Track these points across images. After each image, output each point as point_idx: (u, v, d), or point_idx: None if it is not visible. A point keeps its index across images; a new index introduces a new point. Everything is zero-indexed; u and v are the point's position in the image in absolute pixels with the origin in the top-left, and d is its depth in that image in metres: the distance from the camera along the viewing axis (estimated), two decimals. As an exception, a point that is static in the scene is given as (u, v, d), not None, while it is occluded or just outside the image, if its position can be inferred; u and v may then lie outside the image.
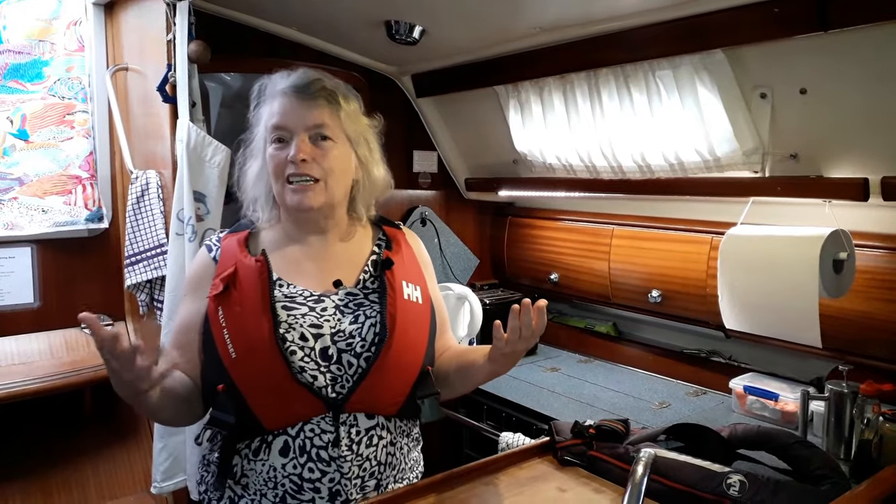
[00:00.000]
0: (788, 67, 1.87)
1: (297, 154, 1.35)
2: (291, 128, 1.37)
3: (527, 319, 1.25)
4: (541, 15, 2.16)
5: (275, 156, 1.39)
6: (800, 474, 1.49)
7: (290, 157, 1.36)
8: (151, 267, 2.25)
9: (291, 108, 1.38)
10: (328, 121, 1.39)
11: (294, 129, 1.37)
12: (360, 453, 1.32)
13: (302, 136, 1.37)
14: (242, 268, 1.37)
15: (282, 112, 1.38)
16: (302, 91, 1.38)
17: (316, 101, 1.38)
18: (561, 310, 3.31)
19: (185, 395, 1.35)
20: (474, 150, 3.18)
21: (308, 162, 1.36)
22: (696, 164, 2.23)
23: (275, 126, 1.39)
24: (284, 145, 1.38)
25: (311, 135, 1.38)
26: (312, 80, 1.40)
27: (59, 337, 2.49)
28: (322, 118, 1.39)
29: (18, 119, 2.42)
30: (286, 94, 1.39)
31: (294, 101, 1.38)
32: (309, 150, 1.37)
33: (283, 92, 1.39)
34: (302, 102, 1.38)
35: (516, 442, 2.21)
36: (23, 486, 2.19)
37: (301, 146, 1.36)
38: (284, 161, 1.37)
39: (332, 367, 1.32)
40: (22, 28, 2.41)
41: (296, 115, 1.37)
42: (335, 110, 1.41)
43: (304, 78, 1.41)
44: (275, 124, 1.39)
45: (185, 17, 2.00)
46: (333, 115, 1.40)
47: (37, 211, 2.45)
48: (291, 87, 1.39)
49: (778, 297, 1.97)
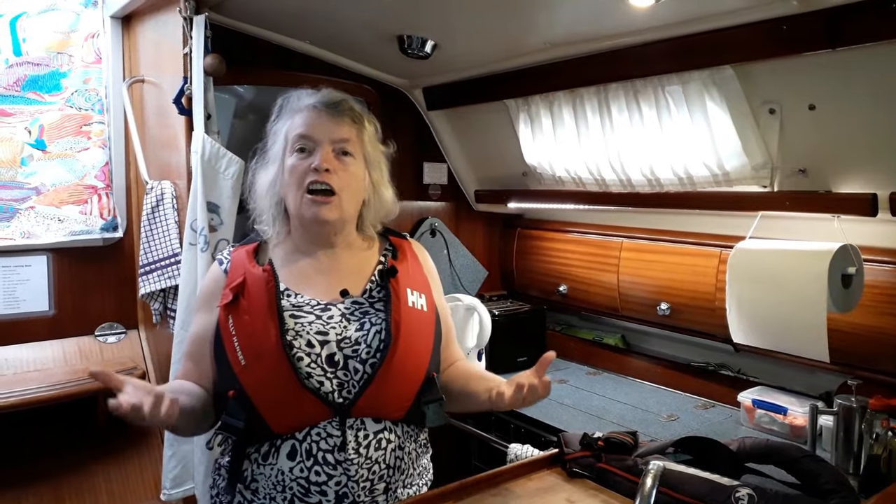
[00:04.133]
0: (797, 84, 1.89)
1: (322, 162, 1.40)
2: (317, 138, 1.42)
3: (531, 395, 1.34)
4: (551, 30, 2.18)
5: (296, 165, 1.42)
6: (808, 489, 1.49)
7: (314, 165, 1.40)
8: (165, 276, 2.28)
9: (319, 121, 1.43)
10: (353, 137, 1.45)
11: (319, 140, 1.42)
12: (369, 456, 1.33)
13: (326, 148, 1.42)
14: (251, 277, 1.40)
15: (308, 123, 1.43)
16: (331, 107, 1.45)
17: (343, 117, 1.45)
18: (569, 322, 3.32)
19: (200, 409, 1.38)
20: (484, 163, 3.20)
21: (330, 172, 1.40)
22: (705, 178, 2.24)
23: (300, 135, 1.43)
24: (307, 155, 1.42)
25: (334, 148, 1.43)
26: (341, 100, 1.47)
27: (73, 344, 2.52)
28: (348, 134, 1.45)
29: (36, 130, 2.46)
30: (315, 108, 1.44)
31: (322, 114, 1.44)
32: (332, 161, 1.42)
33: (312, 106, 1.45)
34: (329, 117, 1.44)
35: (525, 453, 2.21)
36: (35, 491, 2.22)
37: (325, 156, 1.41)
38: (306, 169, 1.41)
39: (338, 372, 1.34)
40: (41, 40, 2.46)
41: (323, 127, 1.43)
42: (359, 130, 1.47)
43: (332, 97, 1.47)
44: (300, 133, 1.43)
45: (201, 30, 2.04)
46: (357, 135, 1.47)
47: (53, 220, 2.49)
48: (321, 102, 1.45)
49: (786, 312, 1.98)
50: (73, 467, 2.31)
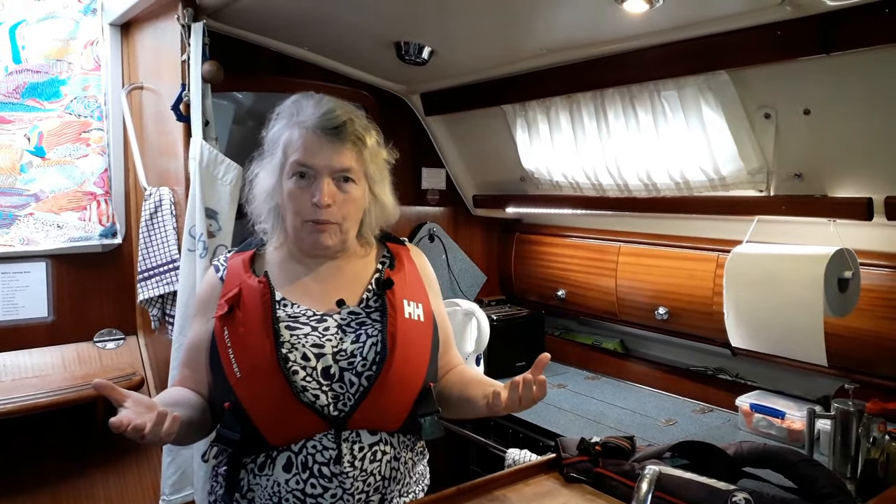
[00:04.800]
0: (792, 88, 1.89)
1: (322, 198, 1.35)
2: (317, 168, 1.37)
3: (527, 394, 1.29)
4: (548, 36, 2.19)
5: (296, 194, 1.38)
6: (806, 493, 1.49)
7: (315, 201, 1.36)
8: (164, 282, 2.28)
9: (319, 149, 1.37)
10: (354, 164, 1.40)
11: (319, 171, 1.37)
12: (365, 468, 1.33)
13: (327, 179, 1.37)
14: (246, 288, 1.38)
15: (307, 149, 1.37)
16: (332, 134, 1.37)
17: (344, 144, 1.38)
18: (568, 326, 3.32)
19: (198, 419, 1.37)
20: (482, 168, 3.20)
21: (331, 207, 1.37)
22: (701, 182, 2.25)
23: (299, 163, 1.37)
24: (307, 182, 1.38)
25: (334, 176, 1.38)
26: (343, 123, 1.38)
27: (72, 351, 2.52)
28: (349, 162, 1.39)
29: (35, 136, 2.47)
30: (315, 133, 1.37)
31: (323, 141, 1.37)
32: (333, 194, 1.37)
33: (312, 129, 1.37)
34: (330, 144, 1.37)
35: (523, 458, 2.21)
36: (34, 498, 2.22)
37: (326, 189, 1.36)
38: (307, 203, 1.37)
39: (333, 385, 1.33)
40: (40, 48, 2.47)
41: (323, 156, 1.37)
42: (360, 151, 1.41)
43: (333, 119, 1.37)
44: (299, 161, 1.37)
45: (199, 37, 2.05)
46: (358, 158, 1.41)
47: (52, 226, 2.49)
48: (321, 127, 1.37)
49: (783, 316, 1.98)
50: (71, 474, 2.32)
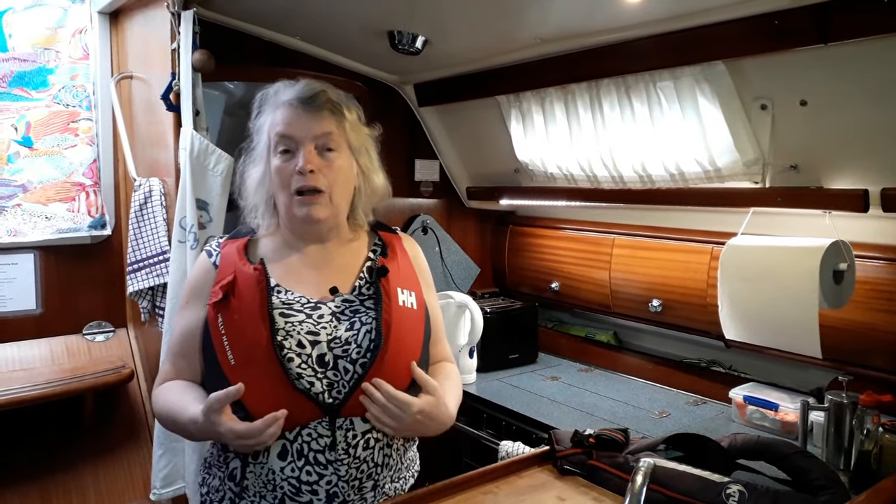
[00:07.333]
0: (789, 79, 1.88)
1: (305, 164, 1.37)
2: (298, 138, 1.39)
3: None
4: (542, 26, 2.17)
5: (281, 167, 1.40)
6: (799, 485, 1.50)
7: (298, 168, 1.37)
8: (154, 274, 2.26)
9: (297, 119, 1.39)
10: (334, 131, 1.41)
11: (300, 140, 1.39)
12: (357, 456, 1.33)
13: (308, 147, 1.39)
14: (241, 276, 1.38)
15: (287, 122, 1.39)
16: (307, 103, 1.40)
17: (321, 112, 1.40)
18: (561, 318, 3.31)
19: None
20: (476, 159, 3.19)
21: (315, 173, 1.38)
22: (696, 174, 2.24)
23: (280, 135, 1.40)
24: (290, 156, 1.40)
25: (317, 145, 1.40)
26: (318, 92, 1.41)
27: (60, 343, 2.50)
28: (328, 128, 1.41)
29: (23, 126, 2.44)
30: (292, 105, 1.40)
31: (300, 111, 1.39)
32: (316, 160, 1.39)
33: (289, 103, 1.40)
34: (307, 113, 1.39)
35: (516, 451, 2.21)
36: (22, 491, 2.20)
37: (308, 157, 1.38)
38: (291, 172, 1.39)
39: (328, 373, 1.33)
40: (28, 36, 2.43)
41: (302, 126, 1.39)
42: (339, 121, 1.43)
43: (309, 89, 1.42)
44: (280, 133, 1.40)
45: (189, 26, 2.02)
46: (338, 126, 1.42)
47: (40, 218, 2.46)
48: (297, 98, 1.40)
49: (778, 308, 1.98)
50: (60, 467, 2.29)
